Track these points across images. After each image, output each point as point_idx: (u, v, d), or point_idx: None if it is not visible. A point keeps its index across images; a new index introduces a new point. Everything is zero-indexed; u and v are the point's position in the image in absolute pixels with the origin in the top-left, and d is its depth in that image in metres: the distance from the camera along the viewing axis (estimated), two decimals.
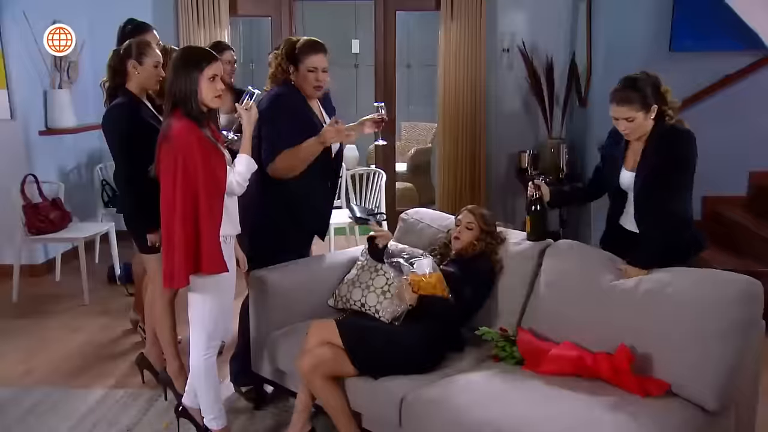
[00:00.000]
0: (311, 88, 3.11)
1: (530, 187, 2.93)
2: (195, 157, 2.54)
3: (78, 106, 5.41)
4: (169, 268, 2.63)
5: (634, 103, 2.63)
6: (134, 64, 3.14)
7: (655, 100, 2.65)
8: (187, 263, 2.59)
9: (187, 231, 2.56)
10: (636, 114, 2.64)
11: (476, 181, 6.15)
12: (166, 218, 2.63)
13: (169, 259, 2.63)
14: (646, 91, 2.64)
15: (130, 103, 3.13)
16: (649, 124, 2.68)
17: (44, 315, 4.53)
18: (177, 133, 2.55)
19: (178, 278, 2.61)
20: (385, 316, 2.91)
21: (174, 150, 2.55)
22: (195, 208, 2.56)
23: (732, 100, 5.05)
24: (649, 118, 2.66)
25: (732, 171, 5.15)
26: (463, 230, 2.98)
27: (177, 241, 2.57)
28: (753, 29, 4.73)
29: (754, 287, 2.32)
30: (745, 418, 2.50)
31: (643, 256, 2.62)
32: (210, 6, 5.88)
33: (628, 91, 2.65)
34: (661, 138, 2.67)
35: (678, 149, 2.65)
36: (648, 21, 5.06)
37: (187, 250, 2.57)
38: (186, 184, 2.54)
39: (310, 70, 3.08)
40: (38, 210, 4.77)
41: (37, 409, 3.30)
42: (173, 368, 3.25)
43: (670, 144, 2.65)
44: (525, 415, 2.25)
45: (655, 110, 2.65)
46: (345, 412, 2.65)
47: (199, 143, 2.55)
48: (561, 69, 5.87)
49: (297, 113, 3.08)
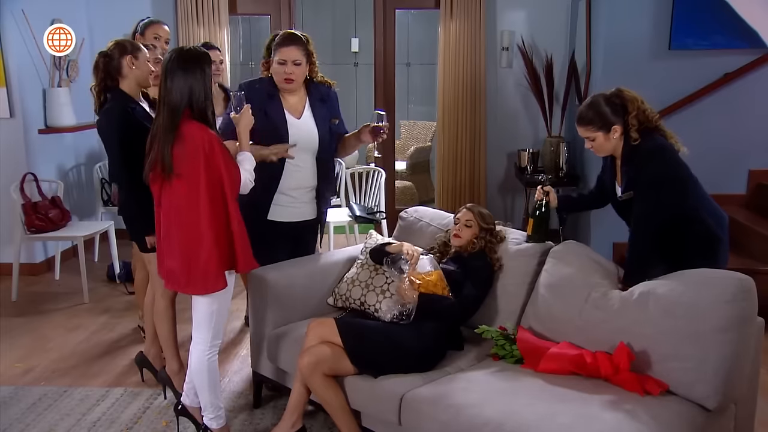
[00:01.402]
0: (281, 80, 3.11)
1: (539, 190, 2.93)
2: (217, 159, 2.55)
3: (77, 104, 5.41)
4: (196, 271, 2.61)
5: (593, 123, 2.67)
6: (130, 59, 3.11)
7: (617, 119, 2.66)
8: (222, 264, 2.59)
9: (219, 232, 2.57)
10: (595, 134, 2.68)
11: (476, 179, 6.15)
12: (186, 221, 2.60)
13: (194, 262, 2.61)
14: (604, 111, 2.66)
15: (124, 106, 3.09)
16: (613, 143, 2.69)
17: (43, 313, 4.54)
18: (195, 135, 2.54)
19: (214, 280, 2.61)
20: (385, 315, 2.90)
21: (195, 153, 2.54)
22: (224, 208, 2.58)
23: (731, 98, 5.05)
24: (611, 138, 2.68)
25: (732, 169, 5.15)
26: (463, 228, 2.99)
27: (208, 243, 2.57)
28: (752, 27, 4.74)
29: (747, 283, 2.32)
30: (745, 415, 2.51)
31: (626, 276, 2.65)
32: (209, 4, 5.88)
33: (587, 111, 2.70)
34: (629, 160, 2.70)
35: (644, 170, 2.64)
36: (647, 19, 5.06)
37: (221, 251, 2.58)
38: (211, 185, 2.54)
39: (279, 63, 3.09)
40: (37, 208, 4.77)
41: (37, 407, 3.30)
42: (172, 367, 3.25)
43: (637, 167, 2.67)
44: (524, 414, 2.25)
45: (618, 130, 2.66)
46: (345, 410, 2.65)
47: (218, 144, 2.57)
48: (560, 67, 5.87)
49: (255, 105, 2.98)
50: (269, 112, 3.12)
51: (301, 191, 3.26)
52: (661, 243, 2.68)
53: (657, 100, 5.08)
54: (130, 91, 3.16)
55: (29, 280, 5.12)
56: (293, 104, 3.20)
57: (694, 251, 2.68)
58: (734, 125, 5.09)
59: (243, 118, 2.79)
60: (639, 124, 2.66)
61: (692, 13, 4.95)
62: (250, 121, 2.80)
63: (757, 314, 2.38)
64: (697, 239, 2.69)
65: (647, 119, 2.67)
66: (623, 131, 2.68)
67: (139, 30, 3.92)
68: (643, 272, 2.61)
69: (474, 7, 5.86)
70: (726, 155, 5.12)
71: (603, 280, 2.65)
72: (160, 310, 3.22)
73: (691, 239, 2.69)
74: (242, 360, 3.77)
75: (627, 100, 2.67)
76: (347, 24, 8.51)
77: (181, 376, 3.21)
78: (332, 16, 8.53)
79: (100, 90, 3.16)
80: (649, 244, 2.66)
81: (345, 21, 8.52)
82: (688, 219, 2.69)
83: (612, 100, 2.68)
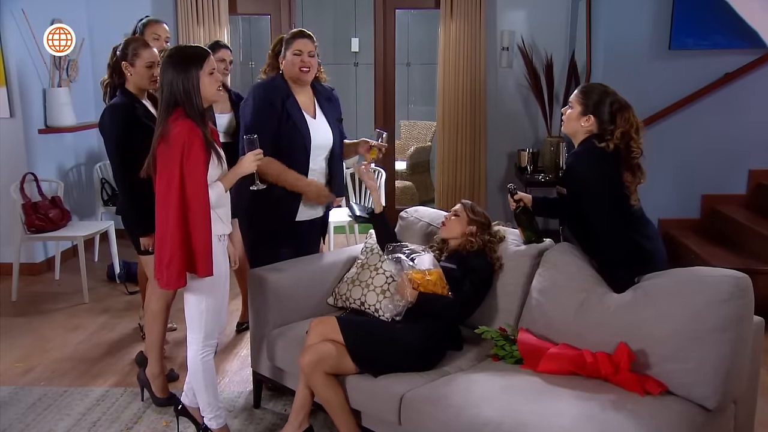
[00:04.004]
0: (297, 70, 3.13)
1: (511, 201, 2.92)
2: (192, 160, 2.52)
3: (77, 104, 5.41)
4: (160, 266, 2.61)
5: (583, 96, 2.70)
6: (126, 65, 3.13)
7: (598, 114, 2.65)
8: (183, 264, 2.58)
9: (183, 232, 2.56)
10: (574, 105, 2.71)
11: (476, 179, 6.16)
12: (160, 218, 2.61)
13: (161, 256, 2.61)
14: (592, 98, 2.67)
15: (127, 104, 3.11)
16: (578, 127, 2.70)
17: (43, 313, 4.53)
18: (178, 134, 2.53)
19: (176, 278, 2.60)
20: (384, 314, 2.91)
21: (173, 151, 2.53)
22: (187, 209, 2.54)
23: (732, 98, 5.05)
24: (580, 121, 2.68)
25: (732, 169, 5.16)
26: (450, 218, 3.00)
27: (172, 241, 2.56)
28: (752, 27, 4.74)
29: (744, 282, 2.32)
30: (745, 415, 2.50)
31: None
32: (209, 4, 5.88)
33: (590, 87, 2.75)
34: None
35: (574, 168, 2.70)
36: (647, 19, 5.06)
37: (183, 250, 2.57)
38: (181, 185, 2.52)
39: (295, 53, 3.13)
40: (37, 208, 4.77)
41: (37, 407, 3.29)
42: (153, 370, 3.25)
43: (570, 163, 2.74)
44: (524, 414, 2.25)
45: (590, 121, 2.66)
46: (344, 409, 2.64)
47: (199, 146, 2.54)
48: (560, 67, 5.87)
49: (274, 104, 3.10)
50: (291, 113, 3.14)
51: None
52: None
53: (657, 100, 5.11)
54: (135, 91, 3.17)
55: (29, 280, 5.12)
56: (306, 104, 3.22)
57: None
58: (734, 125, 5.09)
59: (245, 163, 2.73)
60: (617, 141, 2.61)
61: (692, 13, 4.96)
62: (251, 169, 2.75)
63: (754, 312, 2.37)
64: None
65: (628, 148, 2.63)
66: (596, 129, 2.66)
67: (138, 30, 3.89)
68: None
69: (474, 7, 5.86)
70: (726, 155, 5.13)
71: (597, 283, 2.64)
72: (154, 312, 3.22)
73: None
74: (242, 360, 3.77)
75: (622, 117, 2.63)
76: (347, 24, 8.51)
77: (160, 380, 3.24)
78: (332, 16, 8.53)
79: (109, 85, 3.22)
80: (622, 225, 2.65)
81: (345, 21, 8.52)
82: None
83: (612, 102, 2.67)
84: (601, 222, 2.62)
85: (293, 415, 2.77)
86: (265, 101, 3.11)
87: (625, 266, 2.61)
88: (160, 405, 3.23)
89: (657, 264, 2.67)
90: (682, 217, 5.13)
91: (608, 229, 2.62)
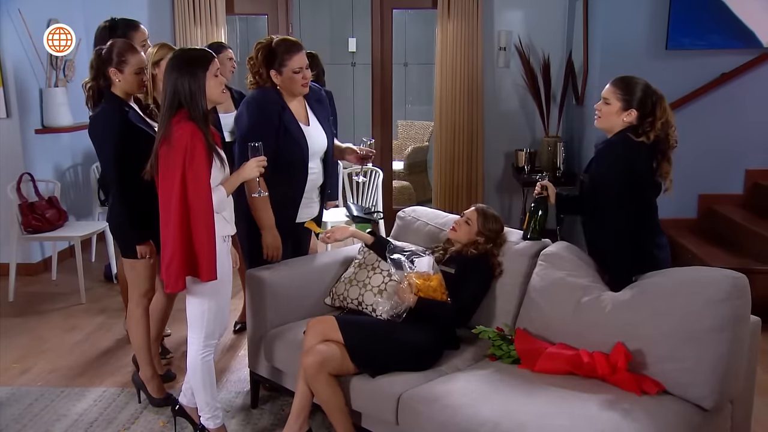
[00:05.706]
0: (299, 86, 3.10)
1: (537, 185, 2.92)
2: (195, 163, 2.52)
3: (74, 104, 5.39)
4: (166, 271, 2.61)
5: (623, 91, 2.67)
6: (114, 72, 3.01)
7: (638, 107, 2.64)
8: (182, 267, 2.58)
9: (184, 235, 2.56)
10: (614, 101, 2.67)
11: (473, 179, 6.16)
12: (163, 220, 2.61)
13: (163, 258, 2.62)
14: (636, 92, 2.65)
15: (118, 110, 3.01)
16: (618, 122, 2.68)
17: (40, 314, 4.53)
18: (180, 136, 2.52)
19: (174, 281, 2.60)
20: (381, 314, 2.90)
21: (176, 153, 2.52)
22: (189, 212, 2.54)
23: (728, 98, 5.05)
24: (622, 116, 2.66)
25: (729, 169, 5.16)
26: (462, 224, 2.98)
27: (173, 243, 2.56)
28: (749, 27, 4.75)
29: (741, 281, 2.32)
30: (741, 415, 2.51)
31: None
32: (206, 4, 5.87)
33: (629, 79, 2.70)
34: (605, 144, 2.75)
35: (605, 154, 2.69)
36: (644, 19, 5.06)
37: (183, 253, 2.57)
38: (183, 187, 2.52)
39: (295, 72, 3.06)
40: (34, 208, 4.76)
41: (33, 408, 3.29)
42: (146, 373, 3.24)
43: (604, 154, 2.72)
44: (521, 414, 2.25)
45: (632, 115, 2.65)
46: (342, 410, 2.64)
47: (202, 149, 2.54)
48: (558, 67, 5.88)
49: (272, 120, 3.06)
50: (288, 127, 3.10)
51: (314, 192, 3.31)
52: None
53: None
54: (123, 95, 3.07)
55: (26, 280, 5.11)
56: (299, 111, 3.19)
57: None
58: (731, 125, 5.09)
59: (248, 169, 2.73)
60: (658, 132, 2.63)
61: (689, 13, 4.96)
62: (252, 175, 2.74)
63: (751, 312, 2.38)
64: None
65: (667, 137, 2.66)
66: (636, 123, 2.65)
67: (103, 35, 3.69)
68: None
69: (471, 7, 5.86)
70: (723, 155, 5.13)
71: (594, 283, 2.64)
72: (135, 317, 3.20)
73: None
74: (240, 360, 3.77)
75: (660, 107, 2.65)
76: (344, 24, 8.50)
77: (155, 382, 3.23)
78: (329, 16, 8.52)
79: (93, 88, 3.08)
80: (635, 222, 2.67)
81: (342, 21, 8.51)
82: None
83: (650, 94, 2.66)
84: (620, 220, 2.62)
85: (293, 417, 2.75)
86: (262, 118, 3.05)
87: (629, 268, 2.62)
88: (157, 405, 3.23)
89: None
90: (679, 217, 5.13)
91: (626, 227, 2.61)
